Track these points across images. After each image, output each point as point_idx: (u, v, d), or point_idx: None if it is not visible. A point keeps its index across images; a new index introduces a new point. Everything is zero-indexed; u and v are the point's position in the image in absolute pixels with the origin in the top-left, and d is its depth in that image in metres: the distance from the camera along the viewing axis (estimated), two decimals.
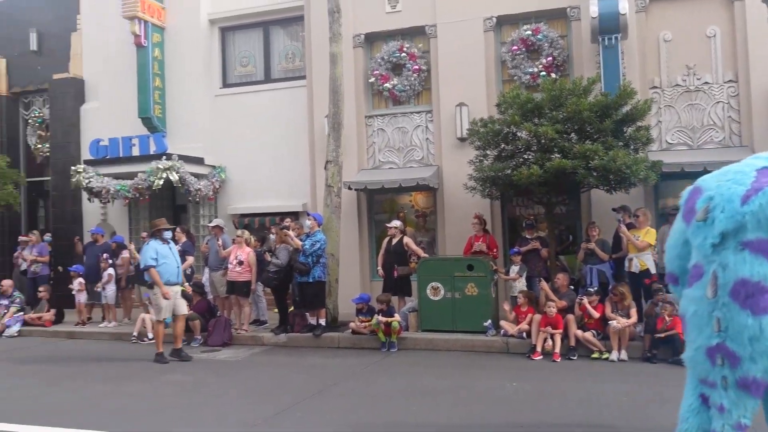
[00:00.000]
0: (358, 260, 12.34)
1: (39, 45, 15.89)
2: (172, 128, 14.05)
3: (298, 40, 13.91)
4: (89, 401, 6.89)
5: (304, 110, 13.08)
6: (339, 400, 6.70)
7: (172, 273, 9.08)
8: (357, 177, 12.06)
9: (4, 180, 13.98)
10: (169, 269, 9.04)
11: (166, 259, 9.03)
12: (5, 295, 12.27)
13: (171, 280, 9.06)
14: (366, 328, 9.71)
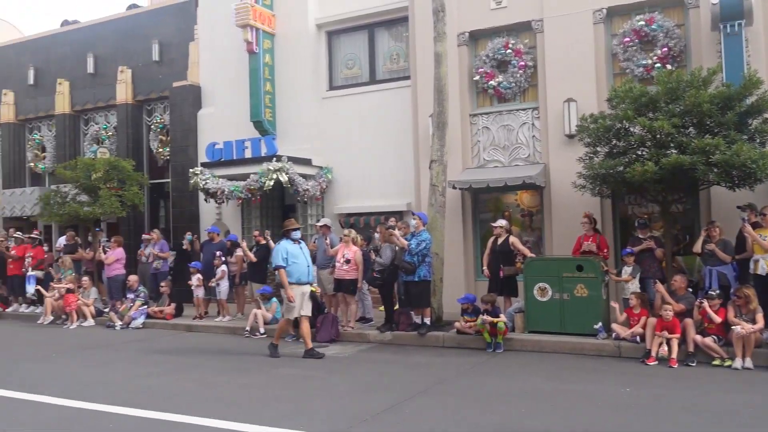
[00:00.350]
0: (462, 260, 12.28)
1: (160, 55, 16.89)
2: (282, 131, 14.53)
3: (402, 40, 14.02)
4: (210, 391, 7.24)
5: (408, 110, 13.16)
6: (446, 399, 6.70)
7: (303, 272, 9.15)
8: (461, 176, 12.00)
9: (130, 182, 14.94)
10: (300, 269, 9.11)
11: (296, 259, 9.11)
12: (131, 289, 13.15)
13: (302, 279, 9.14)
14: (471, 328, 9.65)
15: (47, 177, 19.10)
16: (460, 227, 12.37)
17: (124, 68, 17.28)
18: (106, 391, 7.24)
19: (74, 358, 9.65)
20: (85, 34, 18.43)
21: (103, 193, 14.30)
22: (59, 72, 18.58)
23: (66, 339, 11.53)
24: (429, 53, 11.36)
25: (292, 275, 9.03)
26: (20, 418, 6.33)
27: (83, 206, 14.44)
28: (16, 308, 14.92)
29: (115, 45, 17.72)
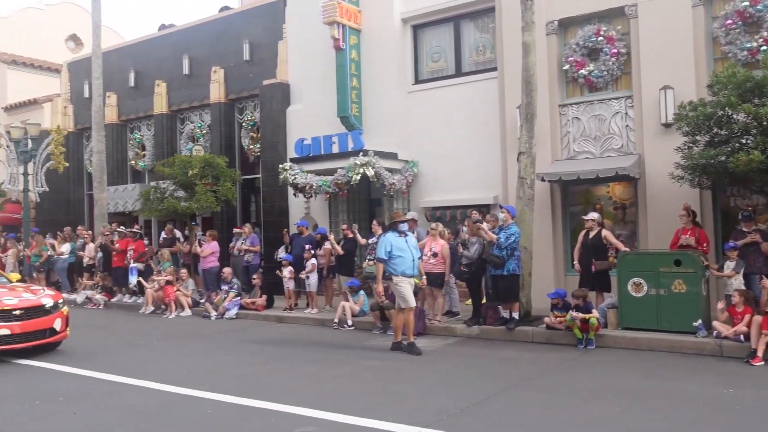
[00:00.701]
0: (551, 253, 12.01)
1: (251, 55, 17.39)
2: (368, 125, 14.66)
3: (489, 31, 13.82)
4: (301, 381, 7.43)
5: (495, 102, 12.98)
6: (537, 395, 6.59)
7: (408, 265, 8.99)
8: (551, 168, 11.73)
9: (223, 178, 15.48)
10: (405, 262, 8.96)
11: (402, 252, 8.97)
12: (225, 281, 13.65)
13: (407, 272, 8.99)
14: (561, 323, 9.43)
15: (147, 174, 20.10)
16: (549, 220, 12.11)
17: (217, 68, 17.92)
18: (204, 379, 7.55)
19: (174, 347, 10.12)
20: (181, 37, 19.24)
21: (198, 188, 14.88)
22: (157, 74, 19.48)
23: (165, 328, 12.11)
24: (516, 43, 11.15)
25: (397, 268, 8.93)
26: (123, 401, 6.70)
27: (180, 201, 15.09)
28: (119, 298, 15.79)
29: (208, 46, 18.40)
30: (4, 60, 25.29)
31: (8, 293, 9.32)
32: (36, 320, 9.01)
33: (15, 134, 17.86)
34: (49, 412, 6.29)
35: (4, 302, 8.91)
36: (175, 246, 15.36)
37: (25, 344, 8.88)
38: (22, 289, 9.81)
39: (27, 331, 8.87)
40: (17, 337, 8.76)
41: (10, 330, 8.70)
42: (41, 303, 9.24)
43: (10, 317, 8.79)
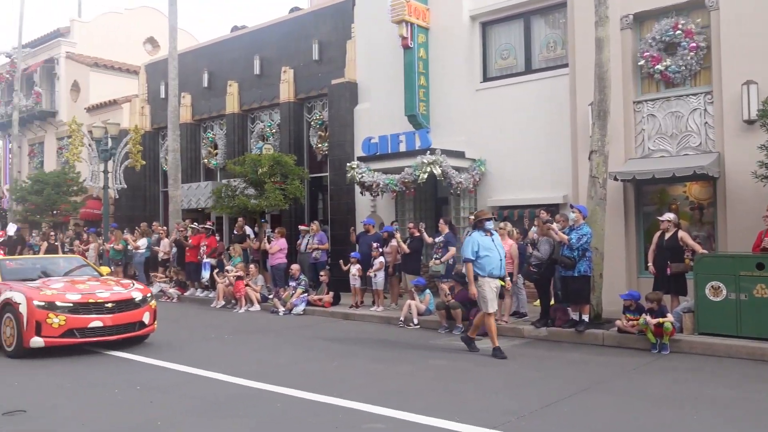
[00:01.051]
0: (624, 255, 11.66)
1: (320, 54, 17.63)
2: (435, 124, 14.60)
3: (560, 27, 13.54)
4: (368, 378, 7.47)
5: (566, 99, 12.70)
6: (608, 400, 6.41)
7: (495, 266, 8.65)
8: (624, 167, 11.39)
9: (292, 176, 15.74)
10: (492, 262, 8.63)
11: (488, 252, 8.64)
12: (293, 277, 13.87)
13: (493, 272, 8.67)
14: (634, 327, 9.14)
15: (219, 172, 20.68)
16: (621, 221, 11.76)
17: (286, 68, 18.23)
18: (273, 373, 7.70)
19: (244, 341, 10.36)
20: (252, 38, 19.68)
21: (268, 186, 15.18)
22: (229, 74, 20.00)
23: (236, 322, 12.41)
24: (589, 39, 10.88)
25: (484, 268, 8.60)
26: (196, 392, 6.90)
27: (250, 199, 15.43)
28: (192, 292, 16.29)
29: (278, 47, 18.75)
30: (87, 63, 26.49)
31: (101, 286, 9.57)
32: (126, 313, 9.24)
33: (96, 134, 18.71)
34: (125, 400, 6.54)
35: (97, 295, 9.14)
36: (246, 242, 15.73)
37: (116, 336, 9.12)
38: (113, 282, 10.09)
39: (118, 323, 9.10)
40: (109, 329, 9.00)
41: (102, 322, 8.93)
42: (131, 296, 9.46)
43: (102, 310, 9.01)
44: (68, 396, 6.79)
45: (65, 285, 9.41)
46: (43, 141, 29.14)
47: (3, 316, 8.97)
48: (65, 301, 8.83)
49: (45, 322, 8.57)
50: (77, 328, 8.77)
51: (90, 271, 10.94)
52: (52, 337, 8.62)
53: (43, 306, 8.68)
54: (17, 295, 8.87)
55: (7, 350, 8.81)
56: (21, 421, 5.85)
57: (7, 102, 29.86)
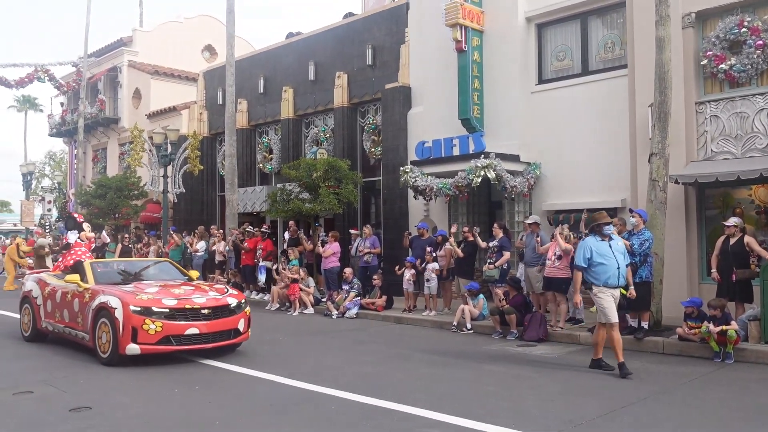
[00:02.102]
0: (684, 260, 11.30)
1: (373, 59, 17.72)
2: (489, 127, 14.46)
3: (618, 27, 13.25)
4: (421, 383, 7.44)
5: (624, 101, 12.42)
6: (669, 410, 6.22)
7: (611, 275, 7.73)
8: (685, 170, 11.05)
9: (346, 180, 15.84)
10: (608, 270, 7.72)
11: (604, 259, 7.72)
12: (346, 281, 13.96)
13: (610, 282, 7.73)
14: (696, 335, 8.85)
15: (273, 176, 20.99)
16: (682, 225, 11.41)
17: (340, 74, 18.39)
18: (327, 375, 7.75)
19: (298, 343, 10.48)
20: (307, 44, 19.94)
21: (322, 191, 15.33)
22: (284, 80, 20.30)
23: (290, 325, 12.56)
24: (649, 39, 10.61)
25: (599, 277, 7.75)
26: (253, 393, 7.00)
27: (305, 203, 15.61)
28: (248, 295, 16.55)
29: (332, 52, 18.94)
30: (147, 71, 27.34)
31: (196, 291, 9.05)
32: (222, 320, 8.72)
33: (157, 139, 19.27)
34: (185, 400, 6.70)
35: (193, 300, 8.64)
36: (300, 245, 15.90)
37: (212, 344, 8.59)
38: (207, 287, 9.59)
39: (214, 331, 8.59)
40: (204, 336, 8.49)
41: (198, 329, 8.42)
42: (227, 302, 8.92)
43: (199, 316, 8.50)
44: (132, 394, 6.99)
45: (160, 289, 8.90)
46: (107, 147, 30.21)
47: (98, 321, 8.57)
48: (162, 306, 8.36)
49: (141, 328, 8.12)
50: (173, 335, 8.29)
51: (179, 275, 10.41)
52: (148, 344, 8.16)
53: (140, 311, 8.22)
54: (112, 299, 8.44)
55: (102, 357, 8.43)
56: (85, 417, 6.06)
57: (73, 110, 31.10)
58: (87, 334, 8.81)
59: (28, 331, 10.38)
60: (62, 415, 6.12)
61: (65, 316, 9.42)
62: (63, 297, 9.55)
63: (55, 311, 9.70)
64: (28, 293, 10.53)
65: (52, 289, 9.96)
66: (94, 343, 8.62)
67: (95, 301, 8.71)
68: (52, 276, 10.66)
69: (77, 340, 9.16)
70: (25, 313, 10.54)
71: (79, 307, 9.09)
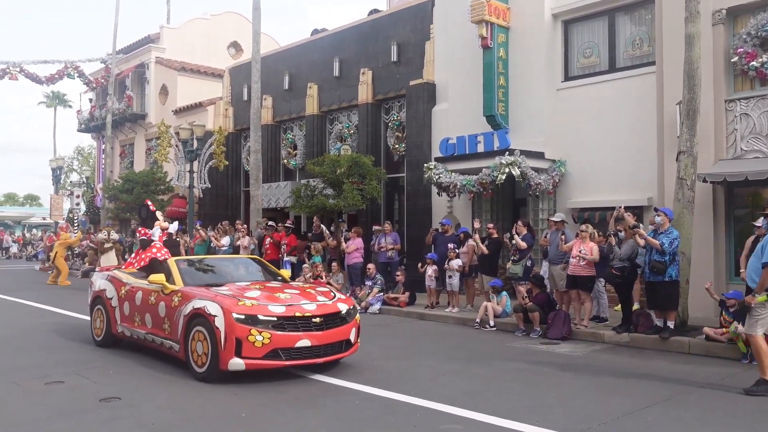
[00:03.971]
0: (712, 260, 11.16)
1: (398, 56, 17.73)
2: (514, 124, 14.40)
3: (646, 24, 13.10)
4: (444, 379, 7.45)
5: (651, 98, 12.28)
6: (694, 411, 6.16)
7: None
8: (714, 168, 10.91)
9: (369, 177, 15.89)
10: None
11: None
12: (369, 277, 14.01)
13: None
14: (723, 335, 8.75)
15: (298, 172, 21.11)
16: (710, 224, 11.27)
17: (365, 70, 18.43)
18: (350, 370, 7.79)
19: None
20: (332, 41, 20.01)
21: (346, 187, 15.39)
22: (309, 77, 20.40)
23: None
24: (678, 36, 10.48)
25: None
26: (270, 385, 7.06)
27: (329, 199, 15.69)
28: None
29: (357, 49, 18.98)
30: (174, 67, 27.64)
31: (302, 296, 7.77)
32: (335, 330, 7.49)
33: (183, 135, 19.47)
34: (214, 394, 6.79)
35: (303, 307, 7.41)
36: (324, 241, 15.98)
37: (324, 359, 7.42)
38: (313, 290, 8.17)
39: (326, 342, 7.38)
40: (316, 349, 7.29)
41: (310, 341, 7.21)
42: (338, 309, 7.71)
43: (310, 325, 7.30)
44: (163, 385, 7.10)
45: (262, 293, 7.70)
46: (134, 142, 30.63)
47: (191, 329, 7.37)
48: (269, 314, 7.14)
49: (246, 339, 6.92)
50: (282, 348, 7.08)
51: (271, 275, 9.22)
52: (254, 359, 6.97)
53: (244, 320, 7.01)
54: (211, 305, 7.23)
55: (198, 371, 7.23)
56: (115, 407, 6.17)
57: (101, 105, 31.58)
58: (176, 343, 7.62)
59: (101, 336, 9.21)
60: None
61: (147, 321, 8.26)
62: (145, 299, 8.38)
63: (135, 315, 8.54)
64: (100, 293, 9.34)
65: (130, 289, 8.79)
66: (185, 355, 7.46)
67: (187, 305, 7.51)
68: (128, 274, 9.38)
69: (162, 349, 8.01)
70: (97, 316, 9.35)
71: (166, 311, 7.90)
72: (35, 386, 6.98)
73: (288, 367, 7.27)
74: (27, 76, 29.35)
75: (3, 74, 28.83)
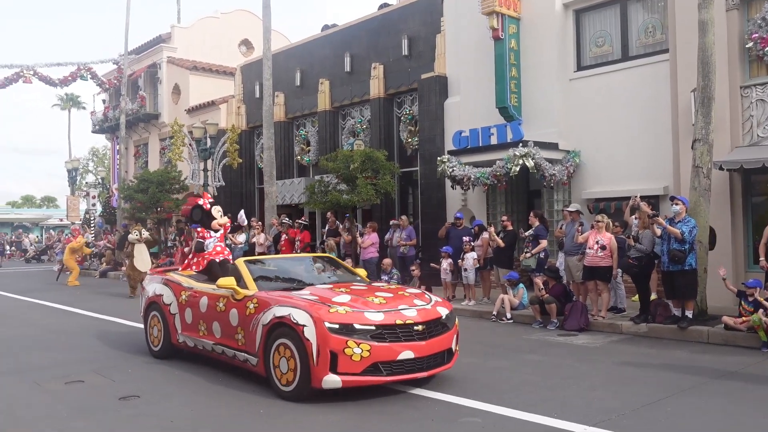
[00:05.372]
0: (730, 248, 11.06)
1: (409, 49, 17.68)
2: (527, 115, 14.33)
3: (658, 11, 12.97)
4: (462, 372, 7.37)
5: (665, 86, 12.17)
6: (714, 401, 6.13)
7: None
8: (730, 156, 10.80)
9: (383, 171, 15.87)
10: None
11: None
12: (385, 271, 14.01)
13: None
14: (743, 323, 8.67)
15: (311, 168, 21.16)
16: (727, 212, 11.17)
17: (376, 65, 18.40)
18: None
19: None
20: (343, 36, 19.99)
21: (360, 182, 15.39)
22: (321, 72, 20.40)
23: None
24: (692, 22, 10.37)
25: None
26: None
27: (343, 194, 15.70)
28: None
29: (368, 43, 18.96)
30: (186, 66, 27.76)
31: (398, 300, 6.80)
32: (438, 339, 6.53)
33: (196, 134, 19.59)
34: (224, 390, 6.84)
35: (403, 314, 6.44)
36: (338, 236, 16.01)
37: (427, 372, 6.46)
38: (407, 293, 7.18)
39: (429, 354, 6.41)
40: (419, 362, 6.32)
41: (413, 352, 6.25)
42: (439, 314, 6.73)
43: (412, 334, 6.33)
44: (180, 384, 7.17)
45: (352, 298, 6.70)
46: (148, 142, 30.83)
47: (273, 341, 6.48)
48: (366, 322, 6.21)
49: (343, 352, 6.02)
50: (383, 362, 6.14)
51: (350, 274, 8.34)
52: (351, 375, 6.06)
53: (339, 329, 6.10)
54: (297, 312, 6.31)
55: (282, 390, 6.35)
56: (135, 405, 6.24)
57: (114, 106, 31.79)
58: (253, 356, 6.74)
59: (158, 346, 8.35)
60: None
61: (215, 331, 7.36)
62: (211, 305, 7.47)
63: (199, 323, 7.66)
64: (156, 298, 8.44)
65: (193, 294, 7.90)
66: (266, 371, 6.57)
67: (267, 313, 6.59)
68: (187, 277, 8.47)
69: (234, 362, 7.14)
70: (153, 323, 8.48)
71: (239, 320, 6.98)
72: (55, 385, 7.06)
73: (388, 383, 6.35)
74: (41, 79, 29.57)
75: (17, 77, 29.07)
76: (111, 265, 23.40)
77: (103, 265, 23.82)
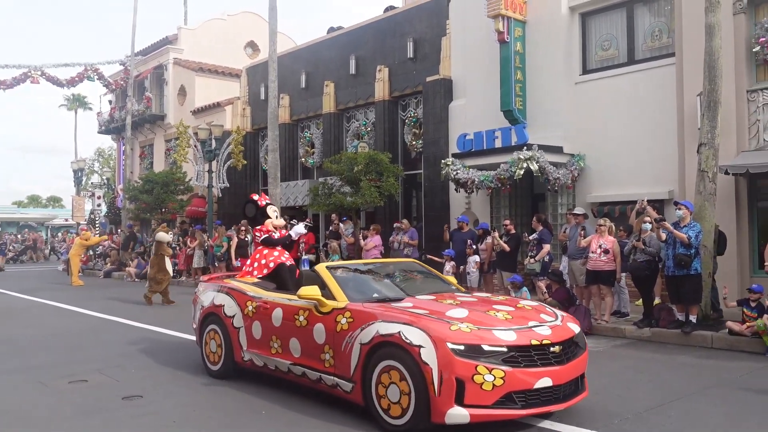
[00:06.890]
0: (735, 252, 11.02)
1: (414, 52, 17.68)
2: (532, 119, 14.31)
3: (665, 15, 12.94)
4: None
5: (671, 90, 12.14)
6: (718, 406, 6.08)
7: None
8: (736, 160, 10.76)
9: (387, 174, 15.85)
10: None
11: None
12: None
13: None
14: (748, 329, 8.62)
15: (315, 170, 21.16)
16: (732, 217, 11.13)
17: (381, 67, 18.41)
18: None
19: None
20: (348, 38, 20.02)
21: (363, 184, 15.37)
22: (326, 75, 20.42)
23: None
24: (698, 26, 10.35)
25: None
26: None
27: (346, 197, 15.70)
28: None
29: (373, 46, 18.97)
30: (192, 68, 27.84)
31: (524, 315, 5.69)
32: (574, 362, 5.45)
33: (201, 135, 19.62)
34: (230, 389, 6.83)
35: (536, 332, 5.34)
36: (340, 239, 16.00)
37: (565, 404, 5.37)
38: (529, 306, 6.08)
39: (567, 380, 5.33)
40: (557, 390, 5.24)
41: (551, 379, 5.16)
42: (573, 332, 5.63)
43: (548, 357, 5.23)
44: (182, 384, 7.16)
45: (471, 312, 5.56)
46: (153, 143, 30.91)
47: (375, 364, 5.40)
48: (496, 342, 5.10)
49: (472, 380, 4.92)
50: (517, 392, 5.04)
51: (442, 282, 7.23)
52: (482, 407, 4.96)
53: (464, 352, 4.99)
54: (411, 331, 5.19)
55: (390, 423, 5.25)
56: (138, 405, 6.24)
57: (121, 107, 31.90)
58: (348, 381, 5.64)
59: (218, 364, 7.20)
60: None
61: (293, 349, 6.27)
62: (288, 319, 6.37)
63: (272, 339, 6.54)
64: (216, 309, 7.25)
65: (262, 305, 6.78)
66: (365, 399, 5.51)
67: (366, 330, 5.50)
68: (251, 285, 7.30)
69: (320, 386, 6.04)
70: (212, 338, 7.32)
71: (326, 337, 5.89)
72: (60, 384, 7.07)
73: (524, 416, 5.25)
74: (48, 80, 29.66)
75: (25, 77, 29.17)
76: (116, 266, 23.45)
77: (108, 265, 23.87)
